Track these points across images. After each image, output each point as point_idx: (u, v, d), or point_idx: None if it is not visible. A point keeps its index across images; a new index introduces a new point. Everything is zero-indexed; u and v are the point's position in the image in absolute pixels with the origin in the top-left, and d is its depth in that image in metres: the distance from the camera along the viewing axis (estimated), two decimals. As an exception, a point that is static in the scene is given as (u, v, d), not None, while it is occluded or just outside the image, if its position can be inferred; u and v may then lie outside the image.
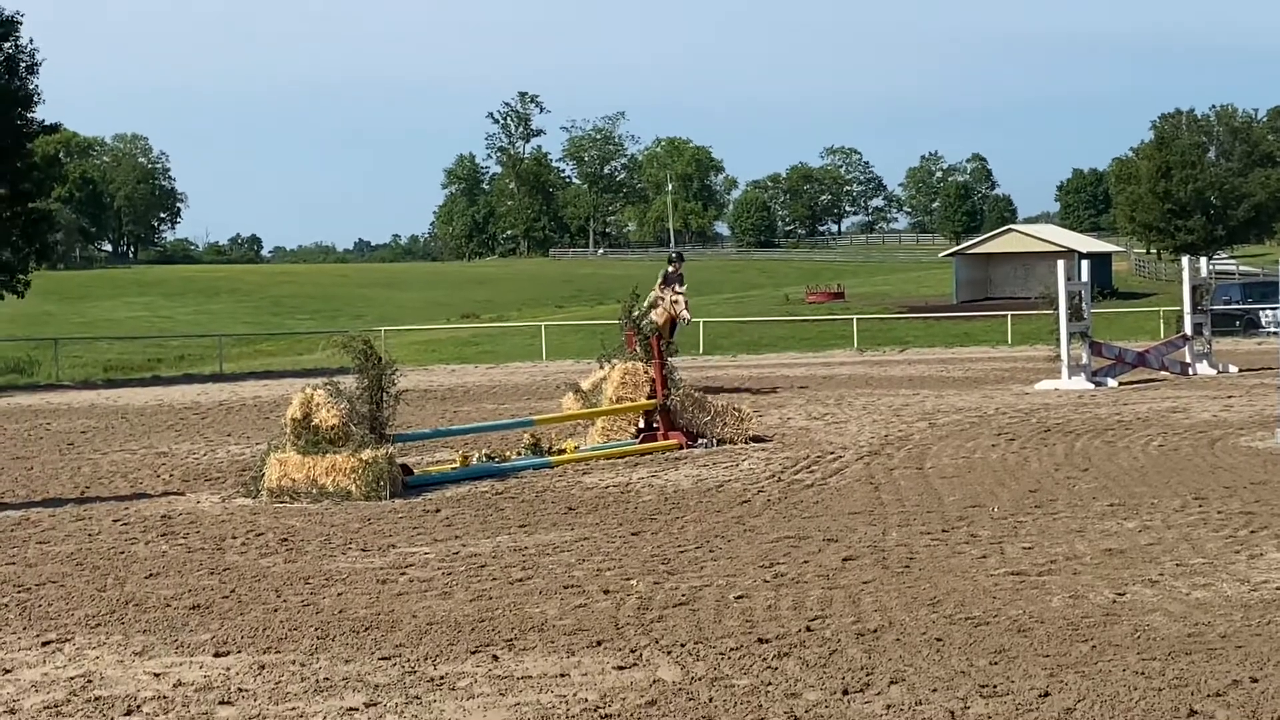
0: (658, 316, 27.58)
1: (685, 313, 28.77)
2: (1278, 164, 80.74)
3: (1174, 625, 10.30)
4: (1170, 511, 14.78)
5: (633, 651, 9.89)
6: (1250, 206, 78.50)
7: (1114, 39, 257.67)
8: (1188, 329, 32.77)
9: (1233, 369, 31.47)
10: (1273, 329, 29.96)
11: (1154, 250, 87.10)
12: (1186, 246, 69.66)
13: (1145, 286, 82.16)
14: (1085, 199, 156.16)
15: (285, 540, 14.43)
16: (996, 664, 9.44)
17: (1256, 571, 11.99)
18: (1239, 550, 12.82)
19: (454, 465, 18.88)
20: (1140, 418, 23.10)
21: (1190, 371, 31.37)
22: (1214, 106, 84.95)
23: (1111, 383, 28.99)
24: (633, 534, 14.23)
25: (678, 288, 28.52)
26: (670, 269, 29.01)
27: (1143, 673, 9.17)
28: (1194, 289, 33.32)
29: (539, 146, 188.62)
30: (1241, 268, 75.21)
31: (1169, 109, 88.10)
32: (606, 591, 11.73)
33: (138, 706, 8.87)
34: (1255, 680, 8.97)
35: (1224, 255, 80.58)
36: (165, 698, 9.06)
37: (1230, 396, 26.02)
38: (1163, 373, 31.11)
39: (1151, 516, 14.51)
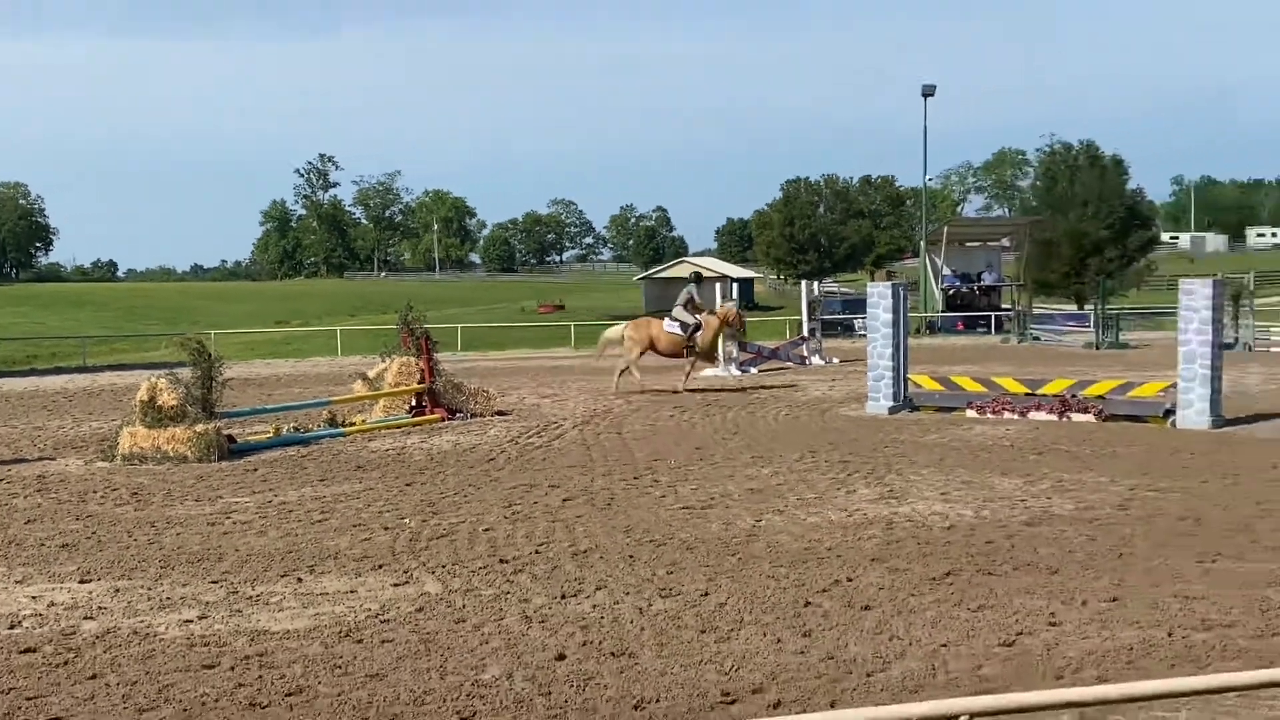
0: (714, 319, 24.95)
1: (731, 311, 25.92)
2: (866, 217, 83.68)
3: (795, 542, 10.61)
4: (793, 461, 15.21)
5: (406, 572, 9.78)
6: (848, 246, 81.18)
7: (756, 120, 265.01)
8: (805, 332, 33.76)
9: (836, 361, 32.48)
10: (862, 332, 31.12)
11: (783, 276, 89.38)
12: (805, 274, 71.54)
13: (777, 302, 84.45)
14: (736, 239, 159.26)
15: (135, 494, 13.87)
16: (672, 573, 9.59)
17: (851, 502, 12.43)
18: (839, 488, 13.27)
19: (268, 435, 18.37)
20: (773, 395, 23.71)
21: (807, 363, 32.28)
22: (823, 175, 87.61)
23: (753, 371, 29.66)
24: (406, 485, 14.06)
25: (697, 304, 25.05)
26: (695, 286, 25.84)
27: (773, 576, 9.43)
28: (809, 304, 34.33)
29: (335, 195, 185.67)
30: (842, 289, 77.87)
31: (792, 175, 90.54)
32: (386, 528, 11.57)
33: (19, 621, 8.56)
34: (850, 579, 9.31)
35: (830, 280, 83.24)
36: (41, 615, 8.74)
37: (834, 380, 26.89)
38: (788, 363, 31.94)
39: (780, 465, 14.91)
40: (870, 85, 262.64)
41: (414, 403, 20.77)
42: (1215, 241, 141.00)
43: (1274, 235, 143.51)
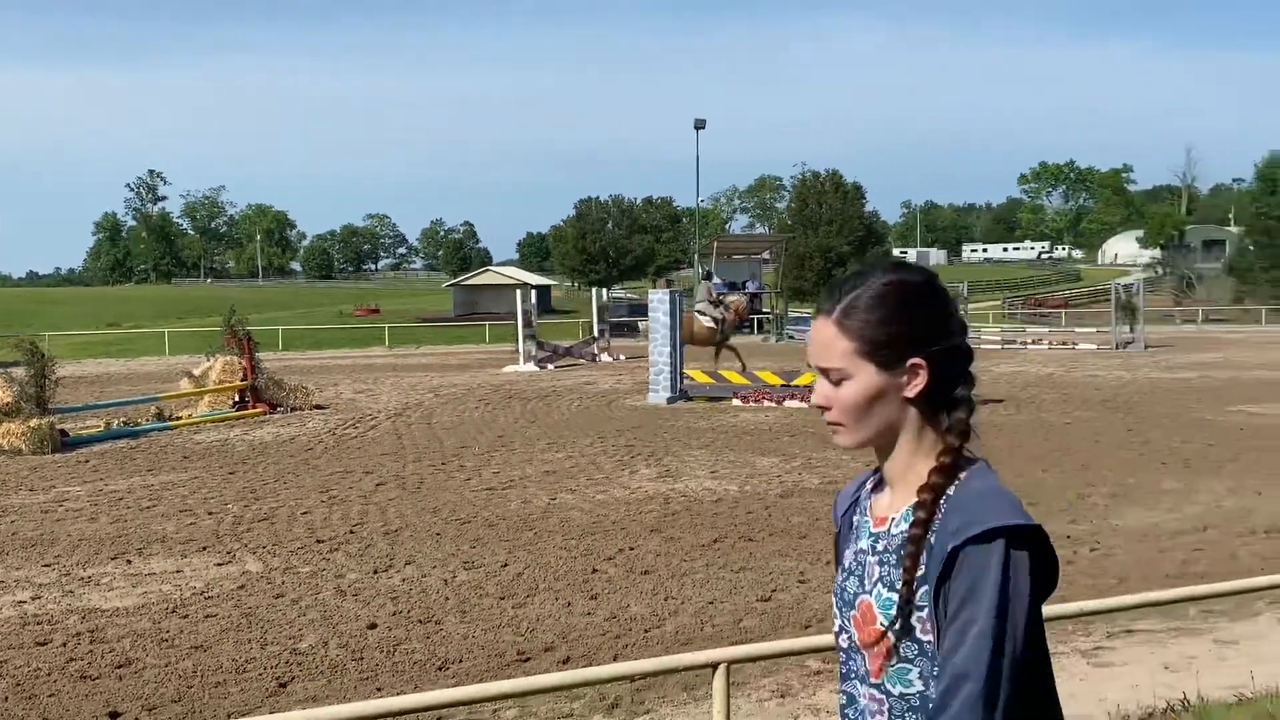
0: (727, 314, 25.05)
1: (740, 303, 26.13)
2: (648, 232, 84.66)
3: (585, 517, 10.67)
4: (584, 446, 15.28)
5: (229, 553, 9.43)
6: (633, 258, 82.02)
7: (553, 145, 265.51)
8: (596, 333, 33.94)
9: (623, 358, 32.74)
10: (645, 332, 31.47)
11: (577, 284, 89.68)
12: (596, 282, 71.94)
13: (572, 306, 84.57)
14: (535, 250, 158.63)
15: (-32, 486, 12.98)
16: (475, 548, 9.51)
17: (635, 481, 12.56)
18: (624, 469, 13.40)
19: (100, 429, 17.43)
20: (567, 388, 23.76)
21: (597, 360, 32.46)
22: (611, 195, 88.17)
23: (550, 367, 29.67)
24: (230, 473, 13.55)
25: (717, 299, 25.27)
26: (711, 282, 26.14)
27: (565, 547, 9.46)
28: (599, 308, 34.54)
29: (164, 207, 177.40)
30: (628, 295, 78.65)
31: (584, 195, 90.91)
32: (210, 513, 11.13)
33: None
34: (632, 548, 9.41)
35: (618, 287, 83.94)
36: None
37: (620, 374, 27.11)
38: (581, 360, 32.05)
39: (573, 450, 14.96)
40: (652, 119, 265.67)
41: (237, 398, 20.03)
42: (937, 256, 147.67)
43: (985, 250, 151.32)
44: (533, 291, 35.44)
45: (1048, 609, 5.47)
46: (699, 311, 25.20)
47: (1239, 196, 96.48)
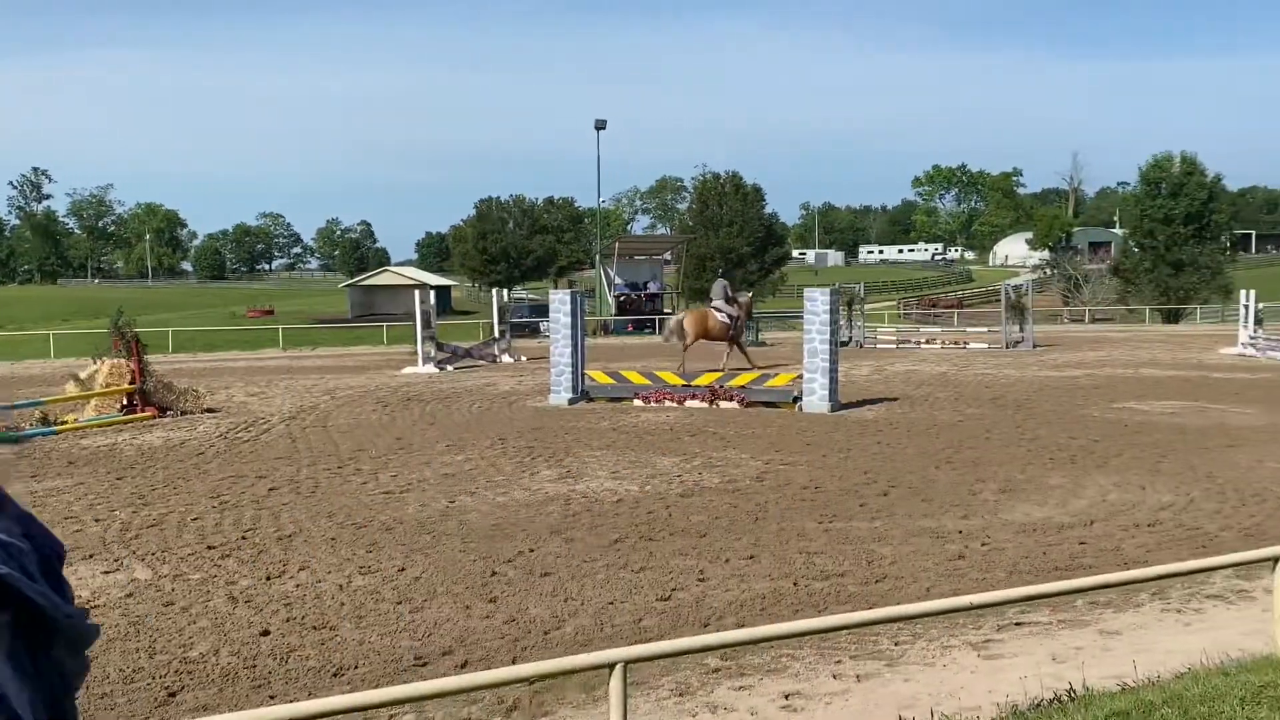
0: (736, 311, 26.31)
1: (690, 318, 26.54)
2: (549, 233, 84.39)
3: (485, 520, 10.58)
4: (484, 448, 15.15)
5: (116, 560, 9.15)
6: (534, 258, 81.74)
7: (453, 146, 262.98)
8: (496, 334, 33.73)
9: (523, 359, 32.56)
10: (546, 334, 31.33)
11: (478, 285, 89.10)
12: (497, 282, 71.52)
13: (473, 307, 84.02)
14: (434, 251, 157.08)
15: None
16: (371, 552, 9.38)
17: (535, 483, 12.50)
18: (524, 470, 13.32)
19: (-22, 435, 16.76)
20: (467, 389, 23.55)
21: (498, 361, 32.26)
22: (512, 195, 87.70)
23: (450, 368, 29.38)
24: (118, 479, 13.15)
25: (730, 296, 26.49)
26: (724, 283, 26.97)
27: (464, 550, 9.38)
28: (500, 309, 34.33)
29: (49, 206, 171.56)
30: (530, 296, 78.36)
31: (484, 195, 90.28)
32: (97, 520, 10.78)
33: None
34: (532, 550, 9.36)
35: (519, 288, 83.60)
36: None
37: (522, 376, 26.97)
38: (481, 362, 31.81)
39: (473, 452, 14.83)
40: (554, 119, 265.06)
41: (125, 402, 19.45)
42: (835, 257, 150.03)
43: (881, 252, 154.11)
44: (432, 292, 35.08)
45: (939, 602, 5.55)
46: (715, 308, 26.48)
47: (1123, 199, 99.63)
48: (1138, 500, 11.20)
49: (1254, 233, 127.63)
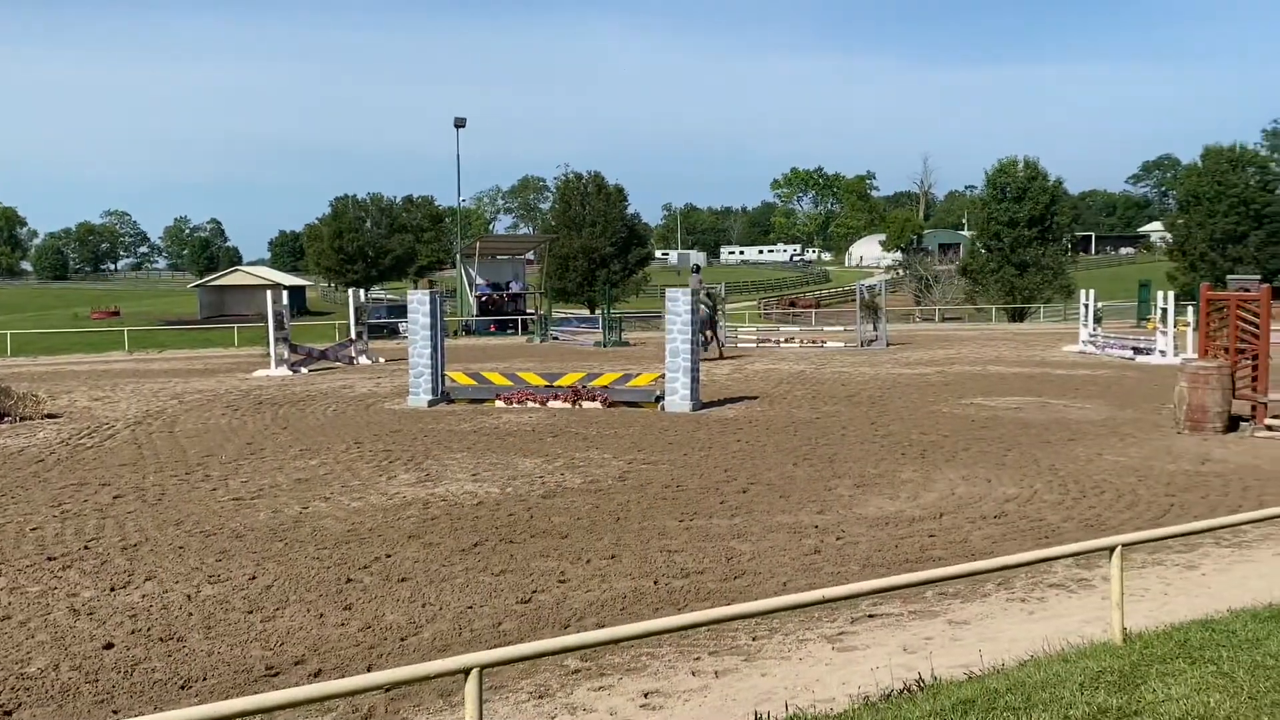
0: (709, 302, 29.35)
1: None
2: (408, 231, 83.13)
3: (340, 525, 10.38)
4: (340, 452, 14.86)
5: (-57, 576, 8.67)
6: (393, 258, 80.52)
7: (307, 143, 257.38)
8: (353, 335, 33.09)
9: (382, 360, 32.03)
10: (405, 335, 30.83)
11: (334, 285, 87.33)
12: (353, 282, 70.21)
13: (329, 308, 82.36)
14: (288, 250, 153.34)
15: None
16: (220, 560, 9.11)
17: (393, 487, 12.32)
18: (382, 475, 13.11)
19: None
20: (322, 392, 23.06)
21: (355, 362, 31.67)
22: (369, 193, 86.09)
23: (304, 371, 28.71)
24: (-54, 490, 12.46)
25: (701, 285, 29.00)
26: (699, 277, 29.92)
27: (318, 557, 9.19)
28: (357, 309, 33.67)
29: None
30: (388, 296, 77.14)
31: (340, 193, 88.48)
32: (-78, 534, 10.21)
33: None
34: (389, 555, 9.22)
35: (378, 288, 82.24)
36: None
37: (380, 378, 26.53)
38: (337, 363, 31.19)
39: (327, 456, 14.53)
40: (411, 116, 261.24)
41: (-44, 408, 18.47)
42: (697, 257, 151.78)
43: (741, 253, 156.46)
44: (285, 292, 34.20)
45: (794, 597, 5.65)
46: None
47: (971, 203, 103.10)
48: (984, 493, 11.61)
49: (1093, 234, 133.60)
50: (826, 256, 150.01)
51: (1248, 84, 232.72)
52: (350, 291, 34.73)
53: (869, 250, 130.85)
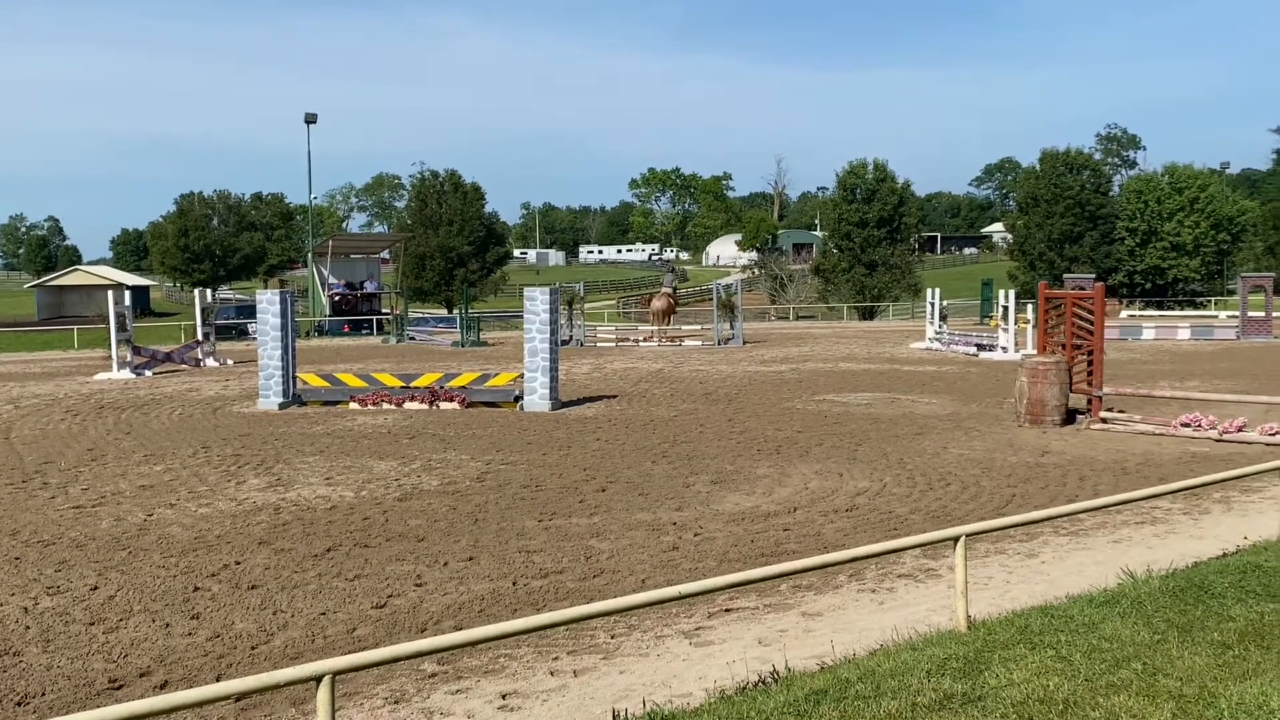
0: (659, 304, 36.19)
1: (660, 302, 36.65)
2: (258, 230, 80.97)
3: (186, 533, 10.06)
4: (186, 457, 14.39)
5: None
6: (241, 256, 78.24)
7: (151, 138, 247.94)
8: (199, 336, 32.07)
9: (230, 362, 31.13)
10: (254, 335, 30.00)
11: (180, 285, 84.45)
12: (200, 282, 68.00)
13: (173, 309, 79.60)
14: (132, 249, 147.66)
15: None
16: (60, 571, 8.73)
17: (242, 492, 11.99)
18: (230, 479, 12.75)
19: None
20: (168, 396, 22.28)
21: (202, 364, 30.69)
22: (216, 190, 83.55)
23: (148, 374, 27.70)
24: None
25: (664, 289, 37.07)
26: (671, 276, 39.46)
27: (164, 566, 8.89)
28: (203, 310, 32.62)
29: None
30: (236, 296, 74.97)
31: (186, 190, 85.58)
32: None
33: None
34: (239, 563, 8.97)
35: (226, 288, 79.82)
36: None
37: (228, 380, 25.77)
38: (183, 366, 30.17)
39: (173, 462, 14.05)
40: (260, 111, 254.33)
41: None
42: (556, 257, 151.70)
43: (600, 252, 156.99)
44: (128, 292, 32.97)
45: (651, 594, 5.67)
46: (667, 293, 36.85)
47: (823, 204, 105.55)
48: (837, 487, 11.89)
49: (939, 235, 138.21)
50: (684, 256, 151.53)
51: (1083, 88, 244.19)
52: (197, 291, 33.62)
53: (725, 250, 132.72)
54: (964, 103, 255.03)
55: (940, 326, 34.03)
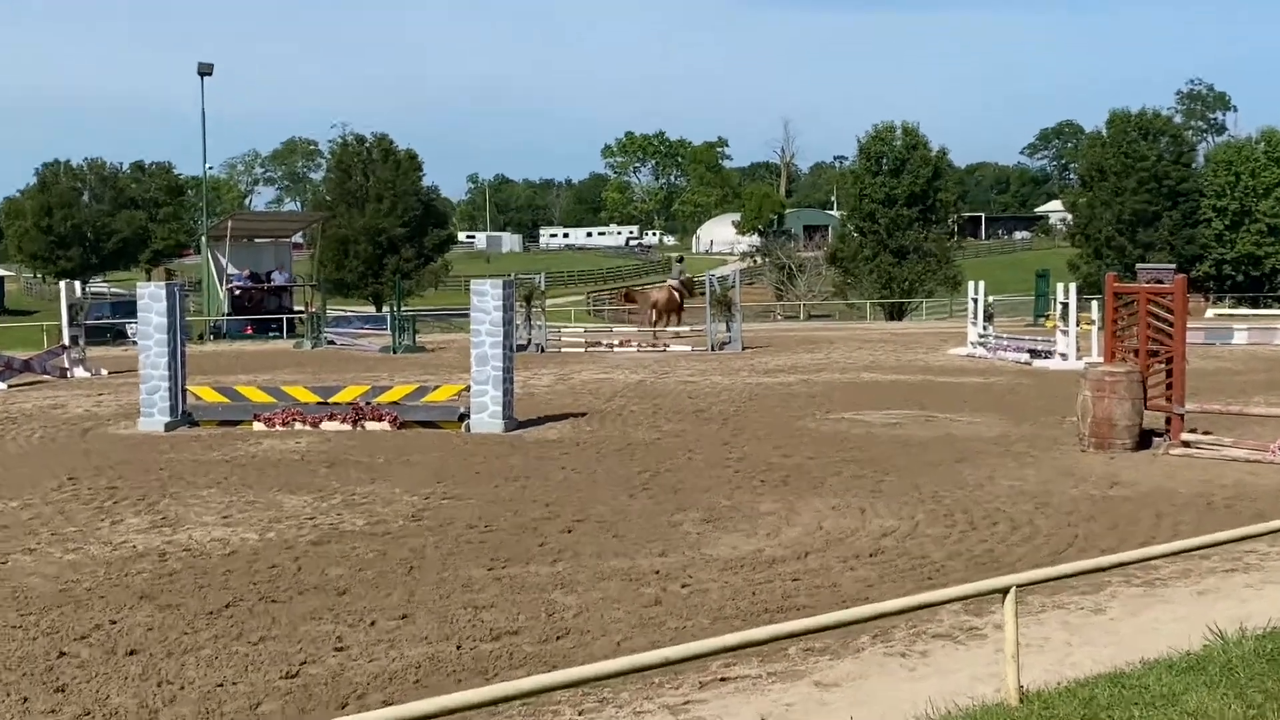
0: (660, 295, 40.16)
1: (661, 294, 40.41)
2: (139, 207, 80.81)
3: (48, 584, 10.02)
4: (49, 490, 14.31)
5: None
6: (119, 240, 78.02)
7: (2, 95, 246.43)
8: (66, 340, 31.93)
9: (104, 372, 30.98)
10: (135, 339, 29.90)
11: (41, 275, 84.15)
12: (67, 272, 67.78)
13: (34, 305, 79.19)
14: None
15: None
16: (-113, 635, 8.66)
17: (118, 534, 11.94)
18: (104, 518, 12.69)
19: None
20: (26, 414, 22.13)
21: (69, 375, 30.56)
22: (87, 159, 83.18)
23: (2, 386, 27.58)
24: None
25: (670, 280, 40.87)
26: (681, 266, 43.56)
27: (21, 626, 8.85)
28: (71, 307, 32.50)
29: None
30: (112, 289, 74.65)
31: (49, 159, 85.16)
32: None
33: None
34: (114, 622, 8.94)
35: (99, 279, 79.57)
36: None
37: (102, 394, 25.64)
38: (45, 376, 30.03)
39: (33, 496, 13.97)
40: (140, 62, 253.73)
41: None
42: (511, 241, 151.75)
43: (566, 236, 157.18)
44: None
45: (629, 659, 5.69)
46: (674, 287, 39.91)
47: (841, 176, 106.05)
48: (857, 527, 11.93)
49: (984, 215, 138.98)
50: (670, 240, 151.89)
51: (1161, 36, 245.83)
52: (63, 284, 33.50)
53: (720, 233, 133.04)
54: (1014, 51, 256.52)
55: (985, 328, 34.21)
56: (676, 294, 39.41)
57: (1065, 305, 30.88)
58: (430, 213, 64.54)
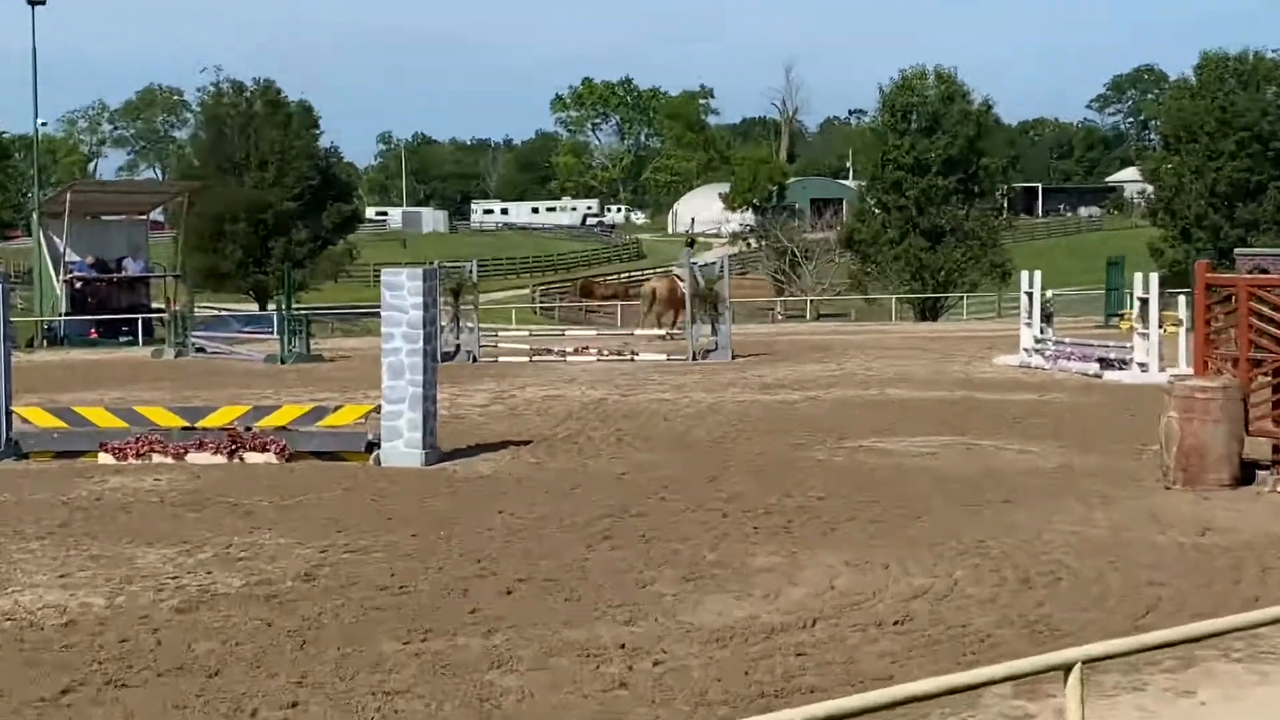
0: (661, 286, 43.54)
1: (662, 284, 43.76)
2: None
3: None
4: None
5: None
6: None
7: None
8: None
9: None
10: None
11: None
12: None
13: None
14: None
15: None
16: None
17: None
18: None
19: None
20: None
21: None
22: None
23: None
24: None
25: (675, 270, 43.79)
26: (689, 251, 46.15)
27: None
28: None
29: None
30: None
31: None
32: None
33: None
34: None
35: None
36: None
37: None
38: None
39: None
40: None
41: None
42: (434, 219, 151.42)
43: (504, 212, 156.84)
44: None
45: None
46: (679, 276, 41.08)
47: (859, 135, 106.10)
48: (879, 585, 11.92)
49: (1040, 185, 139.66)
50: (639, 219, 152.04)
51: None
52: None
53: (705, 208, 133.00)
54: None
55: (1043, 330, 34.27)
56: (678, 284, 40.59)
57: (1144, 301, 30.94)
58: (330, 182, 64.46)
